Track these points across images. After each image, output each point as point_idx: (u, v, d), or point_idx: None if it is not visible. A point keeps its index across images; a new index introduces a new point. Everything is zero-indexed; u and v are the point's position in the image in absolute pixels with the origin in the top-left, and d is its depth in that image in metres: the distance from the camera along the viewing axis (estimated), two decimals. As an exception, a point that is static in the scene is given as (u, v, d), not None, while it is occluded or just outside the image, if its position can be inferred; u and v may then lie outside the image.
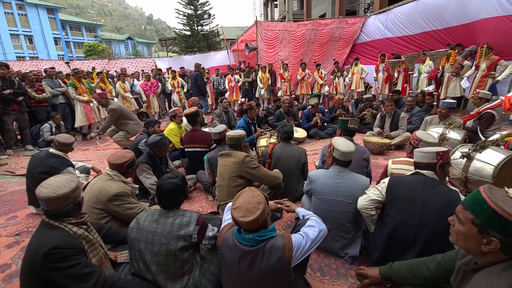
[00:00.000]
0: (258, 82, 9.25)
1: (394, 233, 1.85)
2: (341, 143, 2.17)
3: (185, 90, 9.18)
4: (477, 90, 5.07)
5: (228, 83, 9.44)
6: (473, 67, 6.42)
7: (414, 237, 1.78)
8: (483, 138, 3.73)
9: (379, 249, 1.93)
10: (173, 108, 4.82)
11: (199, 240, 1.71)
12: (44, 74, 7.32)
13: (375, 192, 1.98)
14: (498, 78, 5.84)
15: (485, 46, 6.11)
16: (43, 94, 6.29)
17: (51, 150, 3.09)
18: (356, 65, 9.27)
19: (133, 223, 1.72)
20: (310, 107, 5.91)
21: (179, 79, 9.03)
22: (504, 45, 5.99)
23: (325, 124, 6.02)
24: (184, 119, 4.63)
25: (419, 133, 2.40)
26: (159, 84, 8.64)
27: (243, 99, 8.14)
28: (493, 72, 5.98)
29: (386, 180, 1.97)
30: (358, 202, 2.04)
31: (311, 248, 1.52)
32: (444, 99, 6.30)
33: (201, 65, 8.91)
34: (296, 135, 5.14)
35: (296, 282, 1.56)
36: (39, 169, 2.92)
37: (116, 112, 4.93)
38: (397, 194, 1.87)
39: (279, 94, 9.23)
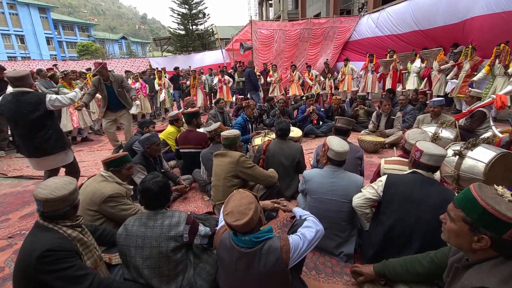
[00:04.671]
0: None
1: (390, 231, 1.85)
2: (335, 143, 2.18)
3: (171, 90, 9.14)
4: (469, 88, 5.13)
5: (219, 83, 9.44)
6: (455, 68, 6.52)
7: (410, 236, 1.79)
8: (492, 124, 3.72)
9: (374, 247, 1.94)
10: (175, 112, 4.75)
11: (191, 239, 1.71)
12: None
13: (370, 191, 1.98)
14: (474, 79, 5.96)
15: (470, 47, 6.20)
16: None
17: (14, 89, 2.77)
18: (346, 65, 9.34)
19: (120, 230, 1.70)
20: (304, 98, 6.03)
21: (165, 79, 8.99)
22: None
23: (321, 122, 6.06)
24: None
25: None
26: (147, 85, 8.57)
27: (240, 96, 8.18)
28: (475, 73, 6.11)
29: (383, 178, 1.96)
30: (353, 200, 2.05)
31: (308, 249, 1.53)
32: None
33: (253, 62, 9.07)
34: (291, 134, 5.14)
35: (292, 282, 1.56)
36: (24, 111, 2.72)
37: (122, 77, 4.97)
38: (394, 193, 1.86)
39: (270, 94, 9.25)
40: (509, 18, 5.91)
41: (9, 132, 5.95)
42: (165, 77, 9.19)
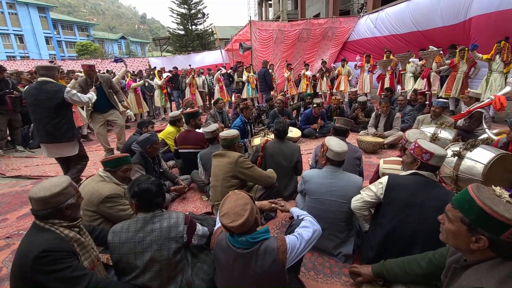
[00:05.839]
0: (246, 82, 9.20)
1: (390, 235, 1.82)
2: (334, 143, 2.18)
3: (168, 90, 9.18)
4: (468, 89, 5.15)
5: (218, 82, 9.46)
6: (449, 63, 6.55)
7: (412, 240, 1.75)
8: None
9: (373, 250, 1.90)
10: (176, 112, 4.71)
11: (189, 239, 1.70)
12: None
13: (369, 193, 1.94)
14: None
15: (466, 49, 6.23)
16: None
17: (40, 78, 3.15)
18: (343, 66, 9.36)
19: (110, 238, 1.63)
20: (315, 106, 5.76)
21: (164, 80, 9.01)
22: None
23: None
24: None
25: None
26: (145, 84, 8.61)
27: (238, 94, 8.19)
28: (470, 76, 6.18)
29: (384, 180, 1.89)
30: (351, 203, 2.02)
31: (305, 249, 1.52)
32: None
33: (268, 62, 9.10)
34: (290, 134, 5.14)
35: (289, 283, 1.56)
36: (43, 97, 3.07)
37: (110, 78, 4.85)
38: (396, 196, 1.81)
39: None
40: (501, 18, 5.94)
41: (7, 132, 5.95)
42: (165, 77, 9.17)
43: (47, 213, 1.46)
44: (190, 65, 11.60)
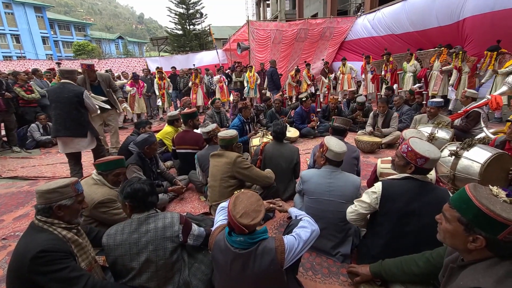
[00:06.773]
0: (245, 82, 9.17)
1: (390, 245, 1.79)
2: (334, 144, 2.17)
3: (170, 90, 9.09)
4: (465, 89, 5.17)
5: (218, 83, 9.45)
6: (456, 71, 6.50)
7: (414, 247, 1.70)
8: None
9: (373, 259, 1.85)
10: (175, 112, 4.67)
11: (185, 239, 1.70)
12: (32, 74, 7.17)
13: (363, 205, 1.88)
14: (483, 81, 5.98)
15: (461, 52, 6.25)
16: (32, 94, 6.17)
17: (63, 80, 3.50)
18: (344, 65, 9.37)
19: (105, 240, 1.61)
20: (304, 99, 5.71)
21: (167, 79, 8.91)
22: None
23: (318, 123, 6.06)
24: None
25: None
26: (145, 85, 8.50)
27: (237, 92, 8.18)
28: (477, 72, 6.17)
29: (378, 189, 1.82)
30: (346, 214, 1.98)
31: (303, 249, 1.52)
32: (433, 97, 6.42)
33: (276, 61, 9.12)
34: (288, 134, 5.14)
35: (288, 283, 1.56)
36: (65, 95, 3.37)
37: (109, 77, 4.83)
38: (392, 206, 1.76)
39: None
40: (497, 18, 5.98)
41: (3, 133, 5.91)
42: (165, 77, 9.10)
43: (40, 208, 1.48)
44: (194, 65, 11.57)
